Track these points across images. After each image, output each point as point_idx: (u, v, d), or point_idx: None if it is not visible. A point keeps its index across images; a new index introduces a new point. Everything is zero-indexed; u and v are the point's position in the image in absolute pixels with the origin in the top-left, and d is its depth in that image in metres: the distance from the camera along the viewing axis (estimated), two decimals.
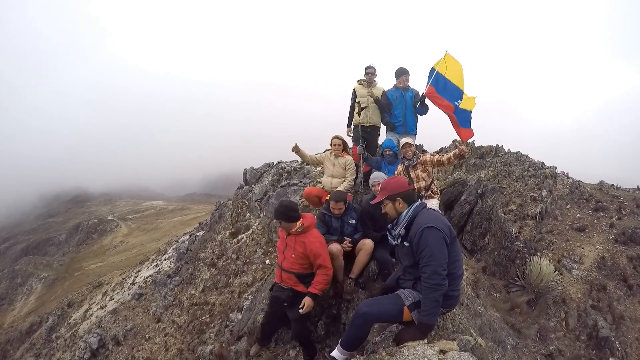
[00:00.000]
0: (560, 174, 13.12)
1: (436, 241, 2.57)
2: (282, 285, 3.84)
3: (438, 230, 2.59)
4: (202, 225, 16.89)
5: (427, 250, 2.56)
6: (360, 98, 6.09)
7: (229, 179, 76.40)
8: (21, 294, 27.10)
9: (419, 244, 2.62)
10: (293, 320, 3.74)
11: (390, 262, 3.95)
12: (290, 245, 3.73)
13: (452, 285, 2.73)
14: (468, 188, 7.47)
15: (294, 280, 3.76)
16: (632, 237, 9.04)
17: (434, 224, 2.61)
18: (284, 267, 3.78)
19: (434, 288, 2.54)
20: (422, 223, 2.64)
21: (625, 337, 6.77)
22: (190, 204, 49.82)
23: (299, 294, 3.73)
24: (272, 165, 15.32)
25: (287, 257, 3.75)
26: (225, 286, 9.98)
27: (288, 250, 3.76)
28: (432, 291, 2.55)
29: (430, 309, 2.58)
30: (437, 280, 2.53)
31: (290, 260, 3.73)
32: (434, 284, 2.53)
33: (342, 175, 5.39)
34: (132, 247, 29.88)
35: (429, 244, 2.57)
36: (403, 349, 2.51)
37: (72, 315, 14.74)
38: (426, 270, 2.56)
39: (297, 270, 3.73)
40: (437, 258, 2.54)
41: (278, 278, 3.89)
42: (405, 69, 6.00)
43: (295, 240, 3.70)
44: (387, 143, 5.60)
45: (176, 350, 8.55)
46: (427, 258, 2.56)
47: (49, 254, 37.24)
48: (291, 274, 3.74)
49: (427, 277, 2.56)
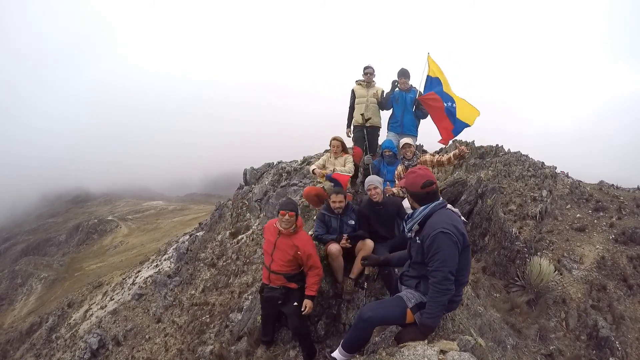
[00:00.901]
0: (560, 173, 13.12)
1: (449, 247, 2.53)
2: (271, 285, 3.86)
3: (452, 236, 2.54)
4: (202, 226, 16.89)
5: (440, 256, 2.52)
6: (359, 98, 6.08)
7: (229, 179, 76.43)
8: (21, 294, 27.10)
9: (431, 246, 2.57)
10: (289, 316, 3.76)
11: None
12: (281, 249, 3.75)
13: (456, 292, 2.72)
14: (468, 188, 7.47)
15: (283, 280, 3.80)
16: (632, 237, 9.04)
17: (449, 229, 2.55)
18: (272, 269, 3.79)
19: (442, 292, 2.53)
20: (437, 226, 2.57)
21: (626, 337, 6.77)
22: (190, 204, 49.83)
23: (289, 290, 3.79)
24: (272, 166, 15.33)
25: (276, 259, 3.77)
26: (225, 286, 9.99)
27: (277, 252, 3.77)
28: (441, 295, 2.54)
29: (435, 312, 2.59)
30: (446, 286, 2.52)
31: (279, 263, 3.76)
32: (443, 289, 2.52)
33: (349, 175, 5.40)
34: (132, 247, 29.88)
35: (442, 249, 2.52)
36: (403, 349, 2.51)
37: (72, 316, 14.74)
38: (436, 275, 2.54)
39: (285, 272, 3.77)
40: (449, 265, 2.52)
41: (266, 279, 3.90)
42: (406, 70, 5.95)
43: (286, 242, 3.73)
44: (387, 144, 5.59)
45: (176, 351, 8.55)
46: (438, 263, 2.52)
47: (49, 254, 37.24)
48: (280, 275, 3.78)
49: (436, 282, 2.53)
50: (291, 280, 3.79)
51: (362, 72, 6.13)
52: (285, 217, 3.68)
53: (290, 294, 3.79)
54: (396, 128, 6.02)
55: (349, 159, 5.51)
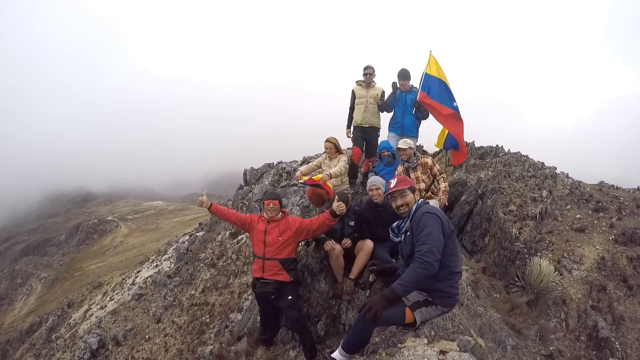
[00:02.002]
0: (560, 174, 13.12)
1: (435, 225, 2.70)
2: (264, 278, 3.88)
3: (437, 217, 2.75)
4: (202, 226, 16.90)
5: (426, 230, 2.67)
6: (359, 99, 6.07)
7: (229, 180, 76.47)
8: (21, 294, 27.12)
9: (418, 226, 2.74)
10: (286, 310, 3.77)
11: (390, 262, 3.95)
12: (273, 233, 3.88)
13: (450, 282, 2.79)
14: (468, 188, 7.47)
15: (278, 268, 3.83)
16: (632, 237, 9.03)
17: (434, 211, 2.81)
18: (267, 256, 3.85)
19: (424, 266, 2.56)
20: (423, 210, 2.85)
21: (626, 338, 6.77)
22: (190, 205, 49.81)
23: (282, 284, 3.83)
24: (272, 166, 15.33)
25: (270, 243, 3.86)
26: (225, 287, 9.98)
27: (270, 237, 3.88)
28: (421, 268, 2.56)
29: (408, 282, 2.59)
30: (429, 259, 2.56)
31: (275, 246, 3.83)
32: (426, 262, 2.56)
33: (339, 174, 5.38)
34: (132, 247, 29.89)
35: (427, 225, 2.70)
36: (403, 349, 2.51)
37: (72, 316, 14.74)
38: (421, 249, 2.62)
39: (282, 256, 3.83)
40: (435, 238, 2.63)
41: (259, 272, 3.93)
42: (406, 71, 5.90)
43: (277, 226, 3.91)
44: (384, 144, 5.56)
45: (176, 351, 8.55)
46: (424, 237, 2.65)
47: (49, 254, 37.26)
48: (276, 261, 3.82)
49: (420, 254, 2.60)
50: (286, 268, 3.84)
51: (362, 72, 6.11)
52: (270, 205, 3.93)
53: (284, 287, 3.82)
54: (397, 129, 6.01)
55: (342, 158, 5.48)
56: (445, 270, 2.72)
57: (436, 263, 2.58)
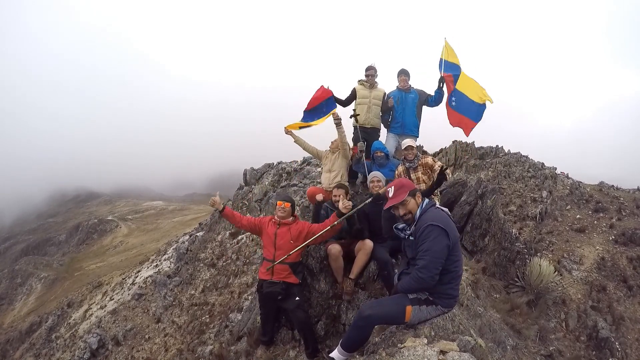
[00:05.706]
0: (561, 174, 13.13)
1: (436, 239, 2.64)
2: (272, 280, 3.86)
3: (442, 230, 2.66)
4: (202, 226, 16.90)
5: (425, 245, 2.66)
6: (362, 99, 6.03)
7: (229, 180, 76.48)
8: (21, 294, 27.12)
9: (419, 238, 2.72)
10: (293, 311, 3.76)
11: (390, 262, 3.94)
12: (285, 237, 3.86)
13: (452, 284, 2.79)
14: (468, 189, 7.47)
15: (288, 272, 3.82)
16: (632, 238, 9.04)
17: (439, 223, 2.69)
18: (277, 259, 3.83)
19: (417, 282, 2.66)
20: (427, 220, 2.74)
21: (625, 338, 6.77)
22: (190, 205, 49.83)
23: (290, 285, 3.82)
24: (272, 166, 15.34)
25: (281, 246, 3.84)
26: (225, 286, 9.99)
27: (280, 240, 3.85)
28: (416, 282, 2.67)
29: (407, 288, 2.77)
30: (424, 275, 2.62)
31: (286, 248, 3.81)
32: (420, 277, 2.63)
33: (339, 167, 5.37)
34: (132, 247, 29.89)
35: (428, 239, 2.66)
36: (403, 349, 2.51)
37: (72, 316, 14.74)
38: (419, 263, 2.67)
39: (292, 260, 3.82)
40: (433, 254, 2.63)
41: (267, 275, 3.90)
42: (405, 69, 5.93)
43: (287, 230, 3.89)
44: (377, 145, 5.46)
45: (176, 351, 8.55)
46: (423, 252, 2.66)
47: (49, 254, 37.26)
48: (286, 265, 3.81)
49: (417, 269, 2.67)
50: (295, 271, 3.85)
51: (365, 73, 6.07)
52: (281, 206, 3.90)
53: (291, 289, 3.82)
54: (397, 129, 5.98)
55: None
56: (449, 275, 2.74)
57: (431, 279, 2.64)
